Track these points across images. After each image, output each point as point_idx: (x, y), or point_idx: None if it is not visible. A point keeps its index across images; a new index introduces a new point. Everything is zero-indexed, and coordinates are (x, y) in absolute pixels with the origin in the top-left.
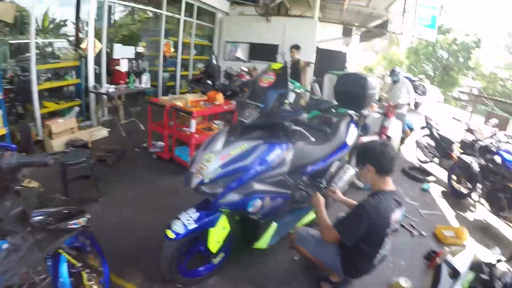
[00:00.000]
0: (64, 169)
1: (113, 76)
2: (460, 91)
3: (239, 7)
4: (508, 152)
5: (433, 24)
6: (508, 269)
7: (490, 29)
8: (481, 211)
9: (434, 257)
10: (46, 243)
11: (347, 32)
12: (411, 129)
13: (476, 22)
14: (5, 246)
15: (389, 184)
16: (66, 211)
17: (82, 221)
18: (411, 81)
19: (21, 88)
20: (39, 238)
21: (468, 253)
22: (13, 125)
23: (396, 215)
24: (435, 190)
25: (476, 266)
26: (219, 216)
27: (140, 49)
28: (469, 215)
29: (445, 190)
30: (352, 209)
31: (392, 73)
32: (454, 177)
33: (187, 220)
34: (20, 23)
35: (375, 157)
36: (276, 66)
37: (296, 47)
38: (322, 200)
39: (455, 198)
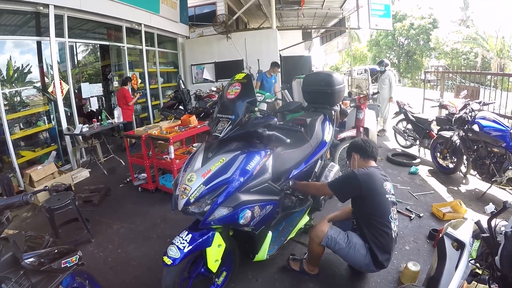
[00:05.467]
0: (51, 214)
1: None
2: (426, 72)
3: (198, 29)
4: (484, 118)
5: (387, 13)
6: (503, 219)
7: (443, 7)
8: (473, 181)
9: (437, 235)
10: (43, 285)
11: (307, 36)
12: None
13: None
14: None
15: (373, 164)
16: (57, 251)
17: (74, 258)
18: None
19: None
20: (35, 281)
21: (468, 223)
22: None
23: (388, 185)
24: (423, 171)
25: (478, 232)
26: (213, 234)
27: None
28: (462, 188)
29: (433, 168)
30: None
31: (381, 63)
32: (438, 154)
33: (181, 244)
34: None
35: (358, 146)
36: (240, 76)
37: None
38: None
39: (445, 174)
